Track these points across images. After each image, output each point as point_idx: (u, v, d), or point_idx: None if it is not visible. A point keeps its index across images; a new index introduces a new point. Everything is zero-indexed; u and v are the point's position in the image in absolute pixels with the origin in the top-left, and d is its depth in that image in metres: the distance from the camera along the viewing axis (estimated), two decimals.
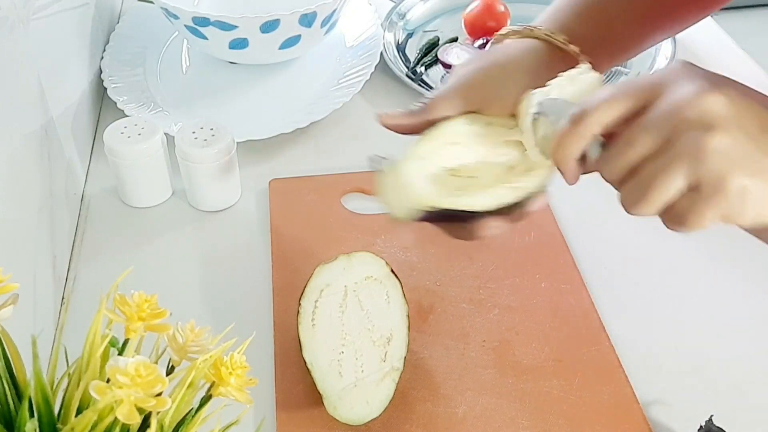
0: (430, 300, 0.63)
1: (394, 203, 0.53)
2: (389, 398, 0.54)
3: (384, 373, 0.54)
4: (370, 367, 0.54)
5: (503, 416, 0.55)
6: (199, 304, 0.64)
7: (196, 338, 0.36)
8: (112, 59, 0.86)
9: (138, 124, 0.70)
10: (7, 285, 0.33)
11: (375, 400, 0.53)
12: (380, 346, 0.55)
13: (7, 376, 0.34)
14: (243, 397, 0.35)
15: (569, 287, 0.64)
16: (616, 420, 0.55)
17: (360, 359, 0.54)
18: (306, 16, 0.79)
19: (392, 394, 0.54)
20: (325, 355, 0.54)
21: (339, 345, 0.54)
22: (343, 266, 0.57)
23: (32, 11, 0.64)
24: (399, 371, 0.55)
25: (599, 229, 0.71)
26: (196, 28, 0.79)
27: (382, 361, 0.54)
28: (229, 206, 0.73)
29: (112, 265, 0.67)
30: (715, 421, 0.53)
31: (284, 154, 0.79)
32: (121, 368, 0.30)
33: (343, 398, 0.53)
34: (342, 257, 0.57)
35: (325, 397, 0.53)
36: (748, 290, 0.66)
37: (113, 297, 0.34)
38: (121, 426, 0.32)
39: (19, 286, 0.34)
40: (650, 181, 0.43)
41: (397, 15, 0.96)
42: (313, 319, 0.55)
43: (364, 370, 0.54)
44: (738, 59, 0.94)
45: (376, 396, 0.54)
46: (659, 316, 0.63)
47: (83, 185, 0.75)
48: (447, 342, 0.60)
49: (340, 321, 0.55)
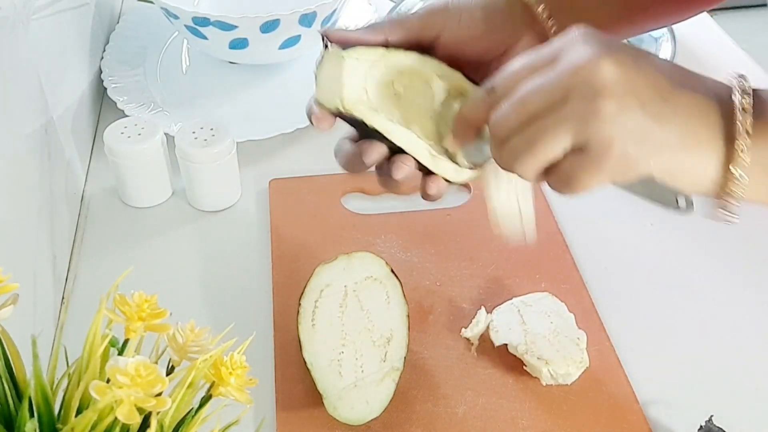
0: (430, 300, 0.63)
1: (324, 89, 0.51)
2: (389, 398, 0.54)
3: (384, 373, 0.54)
4: (371, 367, 0.54)
5: (503, 416, 0.55)
6: (199, 304, 0.64)
7: (196, 338, 0.36)
8: (112, 59, 0.86)
9: (138, 124, 0.70)
10: (7, 285, 0.33)
11: (375, 400, 0.53)
12: (380, 346, 0.55)
13: (7, 376, 0.34)
14: (243, 397, 0.35)
15: (569, 287, 0.64)
16: (616, 420, 0.55)
17: (360, 359, 0.54)
18: (306, 16, 0.79)
19: (392, 394, 0.54)
20: (325, 355, 0.54)
21: (339, 345, 0.54)
22: (343, 266, 0.57)
23: (32, 11, 0.64)
24: (399, 371, 0.55)
25: (599, 229, 0.71)
26: (196, 28, 0.79)
27: (382, 361, 0.54)
28: (229, 206, 0.73)
29: (112, 265, 0.67)
30: (715, 421, 0.53)
31: (284, 154, 0.79)
32: (121, 368, 0.30)
33: (343, 398, 0.53)
34: (342, 257, 0.57)
35: (325, 397, 0.53)
36: (749, 290, 0.66)
37: (113, 297, 0.34)
38: (121, 426, 0.32)
39: (19, 286, 0.34)
40: (536, 137, 0.43)
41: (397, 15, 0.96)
42: (313, 319, 0.55)
43: (364, 370, 0.54)
44: (738, 59, 0.94)
45: (377, 396, 0.54)
46: (659, 316, 0.63)
47: (83, 185, 0.75)
48: (447, 342, 0.60)
49: (340, 321, 0.55)
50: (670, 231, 0.70)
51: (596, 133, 0.41)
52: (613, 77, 0.42)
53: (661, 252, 0.69)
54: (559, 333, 0.58)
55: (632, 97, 0.42)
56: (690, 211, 0.47)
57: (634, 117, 0.41)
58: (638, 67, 0.43)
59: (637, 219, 0.71)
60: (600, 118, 0.41)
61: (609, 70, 0.42)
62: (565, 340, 0.57)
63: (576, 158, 0.43)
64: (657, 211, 0.47)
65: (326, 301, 0.56)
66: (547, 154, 0.43)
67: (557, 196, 0.46)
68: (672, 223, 0.71)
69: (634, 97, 0.42)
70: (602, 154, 0.42)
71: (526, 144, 0.44)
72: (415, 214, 0.71)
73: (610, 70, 0.42)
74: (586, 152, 0.42)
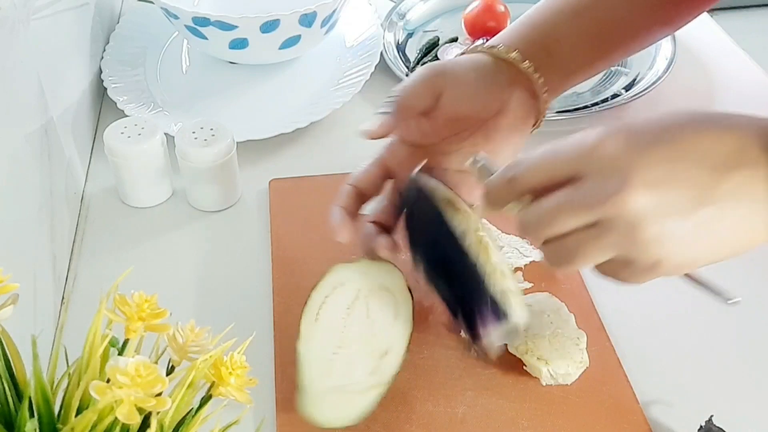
0: (430, 300, 0.63)
1: None
2: (368, 411, 0.52)
3: (370, 385, 0.53)
4: (359, 375, 0.53)
5: (503, 416, 0.55)
6: (199, 304, 0.64)
7: (196, 338, 0.36)
8: (112, 59, 0.86)
9: (138, 124, 0.70)
10: (7, 285, 0.33)
11: (354, 408, 0.52)
12: (375, 358, 0.54)
13: (7, 376, 0.34)
14: (243, 397, 0.35)
15: (569, 287, 0.64)
16: (616, 420, 0.55)
17: (351, 365, 0.53)
18: (306, 16, 0.79)
19: (372, 408, 0.53)
20: (318, 350, 0.53)
21: (335, 345, 0.54)
22: (363, 270, 0.57)
23: (32, 11, 0.64)
24: (387, 386, 0.53)
25: None
26: (196, 28, 0.79)
27: (371, 374, 0.53)
28: (229, 206, 0.73)
29: (112, 265, 0.67)
30: (715, 421, 0.53)
31: (284, 154, 0.79)
32: (121, 368, 0.30)
33: (322, 398, 0.52)
34: (364, 260, 0.57)
35: (304, 392, 0.52)
36: (749, 290, 0.65)
37: (113, 297, 0.34)
38: (121, 426, 0.32)
39: (19, 286, 0.34)
40: (577, 250, 0.43)
41: (397, 15, 0.96)
42: (318, 313, 0.55)
43: (352, 377, 0.53)
44: (738, 59, 0.94)
45: (357, 405, 0.52)
46: (659, 315, 0.63)
47: (83, 185, 0.75)
48: (447, 342, 0.60)
49: (343, 323, 0.55)
50: None
51: (642, 256, 0.42)
52: (647, 204, 0.41)
53: None
54: (559, 333, 0.58)
55: (672, 217, 0.41)
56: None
57: (678, 233, 0.41)
58: (673, 173, 0.41)
59: None
60: (644, 245, 0.41)
61: (641, 197, 0.41)
62: (565, 340, 0.57)
63: (623, 264, 0.43)
64: None
65: (336, 300, 0.55)
66: (589, 265, 0.44)
67: None
68: None
69: (674, 214, 0.41)
70: (650, 269, 0.42)
71: (566, 255, 0.44)
72: None
73: (641, 195, 0.41)
74: (633, 265, 0.43)
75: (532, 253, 0.66)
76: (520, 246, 0.66)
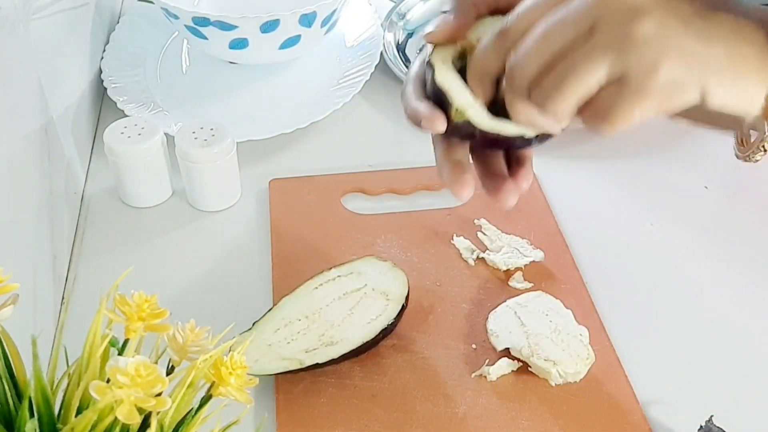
0: (430, 300, 0.63)
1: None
2: (268, 375, 0.55)
3: (293, 357, 0.55)
4: (296, 345, 0.55)
5: (503, 416, 0.55)
6: (199, 304, 0.64)
7: (196, 338, 0.36)
8: (112, 59, 0.86)
9: (138, 124, 0.70)
10: (7, 285, 0.33)
11: (265, 366, 0.55)
12: (321, 342, 0.56)
13: (7, 376, 0.34)
14: (243, 397, 0.35)
15: (569, 287, 0.64)
16: (616, 420, 0.55)
17: (298, 335, 0.56)
18: (306, 16, 0.79)
19: (283, 372, 0.55)
20: (289, 310, 0.57)
21: (303, 315, 0.57)
22: (383, 270, 0.60)
23: (32, 11, 0.64)
24: (300, 367, 0.55)
25: (599, 229, 0.70)
26: (196, 28, 0.79)
27: (305, 351, 0.55)
28: (229, 206, 0.73)
29: (112, 265, 0.67)
30: (715, 421, 0.53)
31: (284, 154, 0.79)
32: (121, 368, 0.30)
33: (258, 344, 0.55)
34: (390, 263, 0.60)
35: (258, 333, 0.56)
36: (750, 290, 0.66)
37: (113, 297, 0.34)
38: (121, 426, 0.32)
39: (19, 286, 0.34)
40: (567, 72, 0.39)
41: (397, 15, 0.96)
42: (321, 285, 0.59)
43: (291, 344, 0.56)
44: None
45: (269, 365, 0.55)
46: (659, 315, 0.63)
47: (83, 185, 0.75)
48: (447, 342, 0.60)
49: (328, 302, 0.58)
50: (670, 231, 0.70)
51: (637, 59, 0.37)
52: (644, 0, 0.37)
53: (661, 252, 0.69)
54: (561, 331, 0.58)
55: (672, 15, 0.38)
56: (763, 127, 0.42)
57: (677, 36, 0.37)
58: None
59: (637, 219, 0.71)
60: (639, 40, 0.37)
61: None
62: (567, 337, 0.57)
63: (615, 89, 0.39)
64: (657, 211, 0.47)
65: (343, 282, 0.59)
66: (580, 90, 0.39)
67: (556, 194, 0.46)
68: (672, 223, 0.71)
69: (674, 14, 0.38)
70: (646, 80, 0.38)
71: (554, 83, 0.39)
72: (415, 214, 0.71)
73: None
74: (626, 81, 0.38)
75: (532, 253, 0.66)
76: (520, 246, 0.66)
